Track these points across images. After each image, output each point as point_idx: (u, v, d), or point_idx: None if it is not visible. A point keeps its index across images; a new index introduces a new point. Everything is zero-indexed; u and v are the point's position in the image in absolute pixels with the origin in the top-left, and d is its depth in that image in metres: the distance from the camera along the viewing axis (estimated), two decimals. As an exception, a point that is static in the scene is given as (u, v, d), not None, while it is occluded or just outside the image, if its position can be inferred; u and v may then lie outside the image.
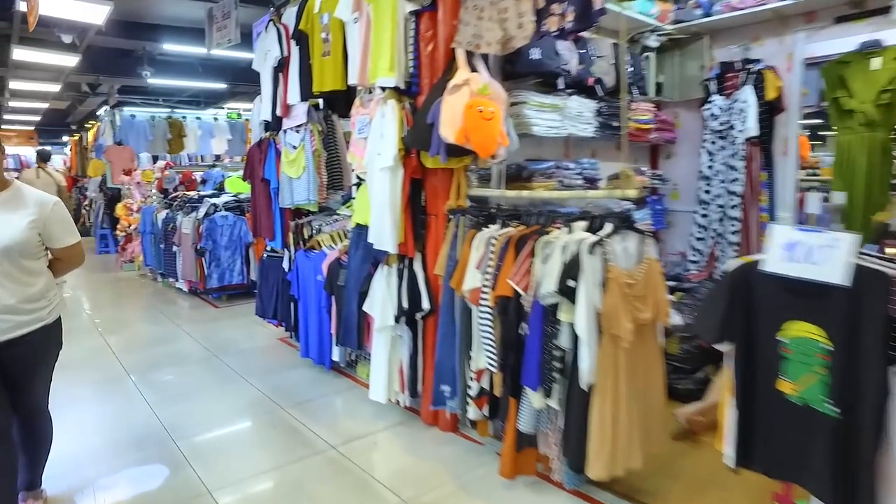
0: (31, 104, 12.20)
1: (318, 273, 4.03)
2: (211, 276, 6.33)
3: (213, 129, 12.35)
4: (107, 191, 11.63)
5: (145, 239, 7.99)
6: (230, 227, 6.42)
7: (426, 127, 2.77)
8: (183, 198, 7.22)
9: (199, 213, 6.54)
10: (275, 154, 4.58)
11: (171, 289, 7.43)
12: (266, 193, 4.69)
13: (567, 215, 2.53)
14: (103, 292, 7.74)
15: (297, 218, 4.62)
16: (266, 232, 4.74)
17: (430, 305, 3.06)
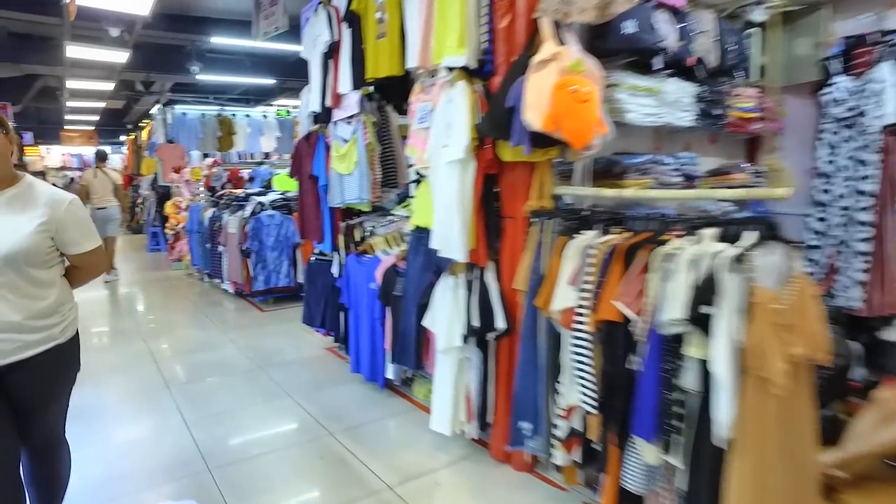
0: (89, 104, 12.33)
1: (372, 281, 3.61)
2: (256, 278, 6.02)
3: (263, 126, 12.20)
4: (158, 189, 11.64)
5: (192, 238, 7.80)
6: (277, 227, 6.10)
7: (505, 112, 2.30)
8: (229, 196, 6.97)
9: (244, 212, 6.26)
10: (324, 148, 4.19)
11: (216, 290, 7.19)
12: (314, 191, 4.31)
13: (685, 220, 2.01)
14: (150, 292, 7.58)
15: (348, 218, 4.23)
16: (314, 233, 4.36)
17: (506, 325, 2.59)
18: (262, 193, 6.70)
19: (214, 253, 6.90)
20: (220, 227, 6.74)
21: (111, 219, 7.69)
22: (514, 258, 2.59)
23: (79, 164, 22.43)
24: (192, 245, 7.82)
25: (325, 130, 4.23)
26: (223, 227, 6.60)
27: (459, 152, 2.50)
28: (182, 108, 11.56)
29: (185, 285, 7.78)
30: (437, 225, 2.76)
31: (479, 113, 2.53)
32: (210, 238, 6.96)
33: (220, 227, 6.71)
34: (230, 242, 6.42)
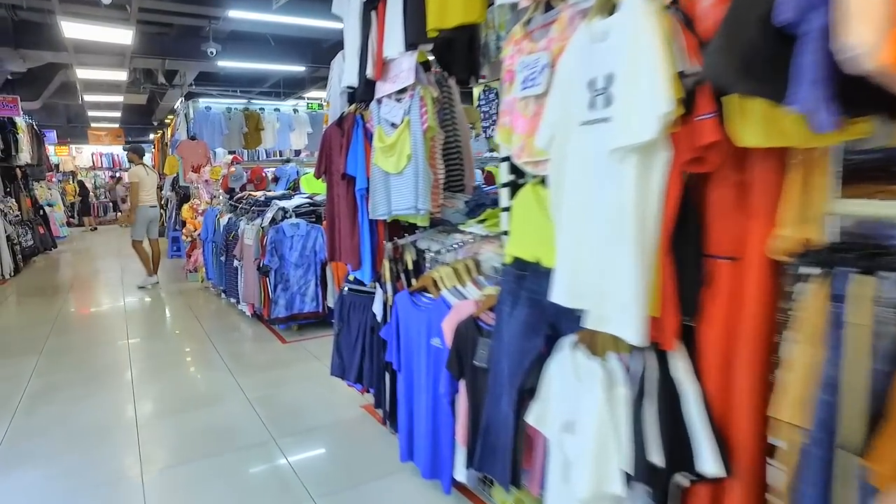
0: (107, 97, 11.44)
1: (435, 336, 2.39)
2: (277, 302, 4.87)
3: (293, 121, 11.14)
4: (178, 189, 10.69)
5: (206, 248, 6.73)
6: (302, 239, 4.94)
7: (770, 37, 1.04)
8: (247, 200, 5.85)
9: (263, 219, 5.12)
10: (362, 137, 2.99)
11: (232, 310, 6.09)
12: (349, 197, 3.11)
13: None
14: (156, 309, 6.53)
15: (396, 235, 3.02)
16: (347, 255, 3.16)
17: (721, 466, 1.33)
18: (285, 197, 5.56)
19: (229, 267, 5.80)
20: (235, 237, 5.63)
21: (157, 219, 7.64)
22: (731, 337, 1.32)
23: (109, 163, 21.89)
24: (207, 256, 6.74)
25: (365, 112, 3.04)
26: (239, 237, 5.48)
27: (644, 130, 1.25)
28: (206, 101, 10.58)
29: (197, 302, 6.71)
30: (571, 264, 1.52)
31: (682, 53, 1.27)
32: (225, 249, 5.86)
33: (236, 237, 5.60)
34: (246, 256, 5.29)
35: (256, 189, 6.80)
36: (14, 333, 5.66)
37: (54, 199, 14.73)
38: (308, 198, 5.52)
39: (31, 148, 10.67)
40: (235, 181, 6.59)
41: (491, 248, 2.55)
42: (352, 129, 3.00)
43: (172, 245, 10.64)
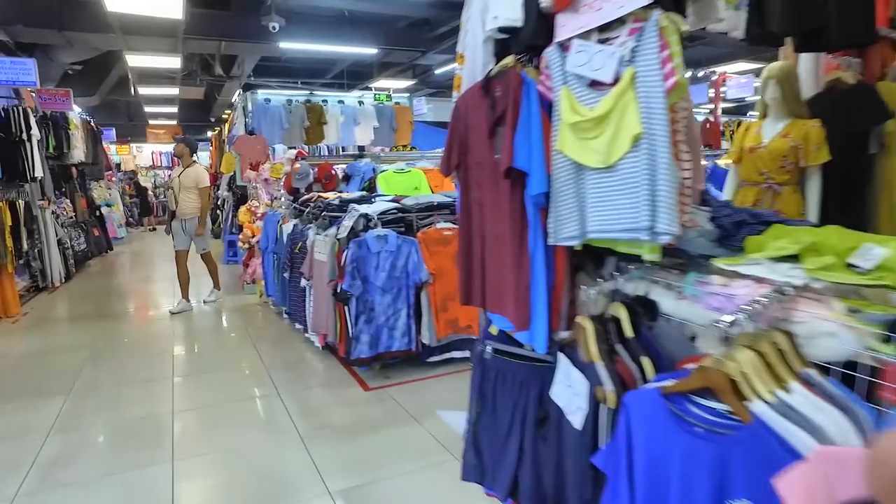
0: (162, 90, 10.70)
1: (741, 496, 1.15)
2: (358, 338, 3.74)
3: (357, 114, 10.09)
4: (235, 189, 9.82)
5: (266, 259, 5.70)
6: (391, 256, 3.79)
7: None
8: (318, 202, 4.76)
9: (340, 229, 3.99)
10: (537, 108, 1.78)
11: (297, 336, 5.02)
12: (510, 207, 1.89)
13: None
14: (210, 331, 5.53)
15: (596, 272, 1.81)
16: (503, 303, 1.93)
17: None
18: (364, 200, 4.43)
19: (295, 287, 4.72)
20: (302, 250, 4.55)
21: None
22: None
23: (168, 162, 21.62)
24: (267, 268, 5.72)
25: (538, 72, 1.85)
26: (307, 249, 4.39)
27: None
28: (266, 93, 9.66)
29: (256, 322, 5.69)
30: None
31: None
32: (289, 263, 4.79)
33: (304, 250, 4.52)
34: (317, 275, 4.20)
35: (325, 189, 5.73)
36: (47, 361, 4.76)
37: (113, 199, 14.26)
38: (392, 201, 4.37)
39: (86, 145, 10.02)
40: (300, 180, 5.53)
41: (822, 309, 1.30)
42: (520, 93, 1.79)
43: (228, 250, 9.78)
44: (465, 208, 2.11)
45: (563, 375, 1.78)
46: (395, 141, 10.58)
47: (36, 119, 7.68)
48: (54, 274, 7.82)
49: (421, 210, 4.15)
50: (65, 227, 8.66)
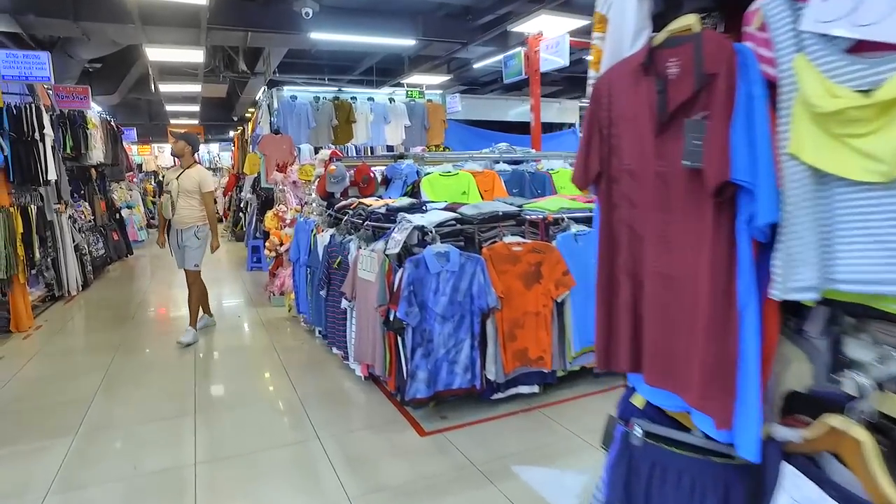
0: (184, 87, 10.22)
1: None
2: (415, 375, 3.14)
3: (388, 112, 9.55)
4: (260, 192, 9.31)
5: (297, 272, 5.13)
6: (452, 278, 3.18)
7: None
8: (359, 210, 4.17)
9: (390, 242, 3.39)
10: (762, 91, 1.15)
11: (334, 360, 4.45)
12: (717, 237, 1.25)
13: None
14: (234, 351, 4.98)
15: (798, 325, 1.17)
16: (688, 377, 1.30)
17: None
18: (416, 208, 3.82)
19: (333, 307, 4.14)
20: (343, 266, 3.97)
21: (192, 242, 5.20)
22: None
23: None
24: (298, 282, 5.14)
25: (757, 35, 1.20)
26: (349, 266, 3.81)
27: None
28: (292, 89, 9.13)
29: (285, 341, 5.12)
30: None
31: None
32: (326, 280, 4.21)
33: (344, 266, 3.93)
34: (361, 295, 3.60)
35: (362, 194, 5.14)
36: (56, 388, 4.24)
37: (134, 201, 13.87)
38: (446, 209, 3.76)
39: (106, 145, 9.57)
40: (336, 184, 4.95)
41: None
42: (732, 69, 1.17)
43: (252, 256, 9.29)
44: (608, 235, 1.49)
45: (791, 498, 1.16)
46: (426, 140, 9.99)
47: (52, 118, 7.22)
48: (71, 282, 7.35)
49: (484, 221, 3.54)
50: (82, 231, 8.20)
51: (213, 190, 5.26)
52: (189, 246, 5.14)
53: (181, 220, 5.09)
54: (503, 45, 7.94)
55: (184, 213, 5.09)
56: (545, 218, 3.75)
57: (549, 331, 3.49)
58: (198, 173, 5.15)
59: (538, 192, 5.53)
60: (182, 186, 5.07)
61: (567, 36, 5.90)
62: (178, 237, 5.15)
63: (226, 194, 15.79)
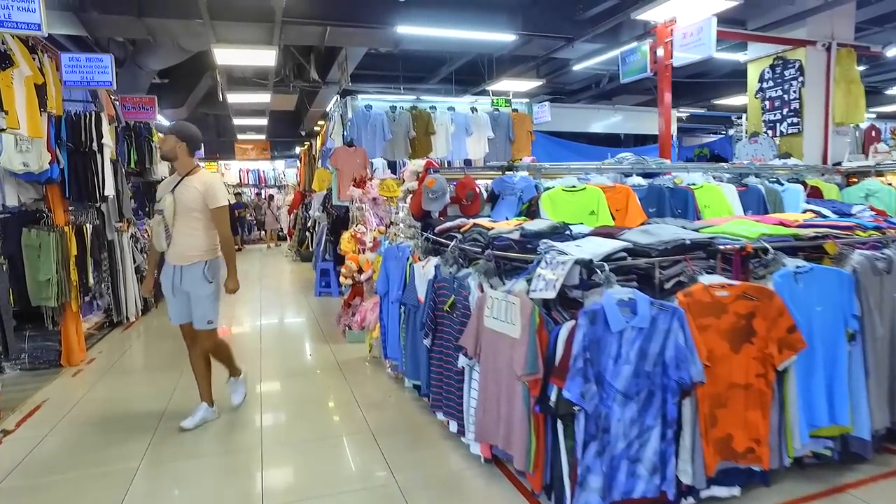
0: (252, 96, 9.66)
1: None
2: (586, 481, 2.11)
3: (470, 123, 8.67)
4: (331, 209, 8.56)
5: (387, 308, 4.20)
6: (640, 337, 2.15)
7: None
8: (474, 233, 3.20)
9: (537, 283, 2.39)
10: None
11: (435, 425, 3.48)
12: None
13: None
14: (301, 396, 4.08)
15: None
16: None
17: None
18: (560, 233, 2.83)
19: (441, 362, 3.17)
20: (458, 309, 3.00)
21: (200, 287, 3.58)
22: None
23: (255, 180, 21.11)
24: (386, 321, 4.21)
25: None
26: (468, 310, 2.84)
27: None
28: (366, 98, 8.39)
29: (367, 393, 4.19)
30: None
31: None
32: (431, 325, 3.24)
33: (460, 309, 2.96)
34: (492, 354, 2.61)
35: (464, 213, 4.20)
36: (94, 453, 3.44)
37: (199, 218, 13.50)
38: (601, 234, 2.75)
39: (171, 160, 9.07)
40: (434, 200, 4.02)
41: None
42: None
43: (320, 280, 8.51)
44: None
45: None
46: (511, 154, 9.04)
47: (117, 129, 6.68)
48: (129, 307, 6.73)
49: (665, 252, 2.50)
50: (144, 252, 7.62)
51: (227, 204, 3.61)
52: (196, 292, 3.53)
53: (181, 254, 3.50)
54: (614, 40, 6.93)
55: (184, 241, 3.49)
56: (743, 248, 2.68)
57: (766, 412, 2.40)
58: (202, 181, 3.53)
59: (678, 211, 4.45)
60: (180, 202, 3.47)
61: (713, 20, 4.84)
62: (177, 278, 3.54)
63: (290, 212, 15.31)
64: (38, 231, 5.00)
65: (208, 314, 3.59)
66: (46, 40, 5.12)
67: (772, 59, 6.26)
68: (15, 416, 3.99)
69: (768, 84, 6.30)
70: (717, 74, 10.50)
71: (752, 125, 6.59)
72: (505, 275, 2.95)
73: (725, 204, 4.57)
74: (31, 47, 4.63)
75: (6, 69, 4.19)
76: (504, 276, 2.96)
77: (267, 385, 4.49)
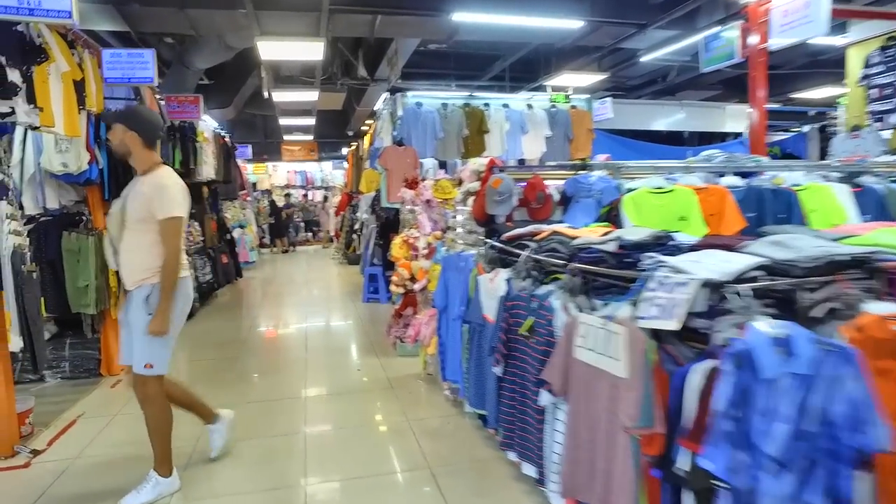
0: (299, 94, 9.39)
1: None
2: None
3: (526, 121, 8.14)
4: (379, 212, 8.18)
5: (446, 324, 3.74)
6: (802, 387, 1.61)
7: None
8: (553, 242, 2.71)
9: (649, 308, 1.88)
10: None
11: (504, 463, 2.99)
12: None
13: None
14: (349, 418, 3.66)
15: None
16: None
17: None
18: (662, 243, 2.32)
19: (514, 394, 2.68)
20: (538, 333, 2.50)
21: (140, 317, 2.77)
22: None
23: (302, 181, 21.05)
24: (446, 339, 3.75)
25: None
26: (550, 335, 2.35)
27: None
28: (417, 95, 7.98)
29: (423, 419, 3.74)
30: None
31: None
32: (503, 351, 2.75)
33: (542, 334, 2.47)
34: (585, 393, 2.12)
35: (533, 217, 3.70)
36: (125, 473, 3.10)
37: (247, 220, 13.38)
38: (721, 246, 2.21)
39: (218, 161, 8.88)
40: (501, 203, 3.54)
41: None
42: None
43: (368, 285, 8.14)
44: None
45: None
46: (570, 154, 8.47)
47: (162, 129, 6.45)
48: (173, 313, 6.47)
49: (813, 271, 1.95)
50: (189, 254, 7.40)
51: (180, 216, 2.73)
52: (137, 324, 2.73)
53: (127, 275, 2.79)
54: (690, 26, 6.31)
55: (129, 259, 2.77)
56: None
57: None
58: (152, 183, 2.74)
59: (781, 216, 3.84)
60: (127, 210, 2.76)
61: (827, -7, 4.18)
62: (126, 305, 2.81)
63: (337, 214, 15.07)
64: (78, 235, 4.78)
65: (146, 355, 2.73)
66: (89, 36, 4.89)
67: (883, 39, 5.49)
68: (48, 433, 3.73)
69: (877, 69, 5.54)
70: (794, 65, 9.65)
71: (852, 118, 5.85)
72: (593, 293, 2.45)
73: (837, 207, 3.92)
74: (71, 42, 4.39)
75: (42, 63, 3.93)
76: (592, 293, 2.46)
77: (312, 405, 4.11)
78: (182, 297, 2.84)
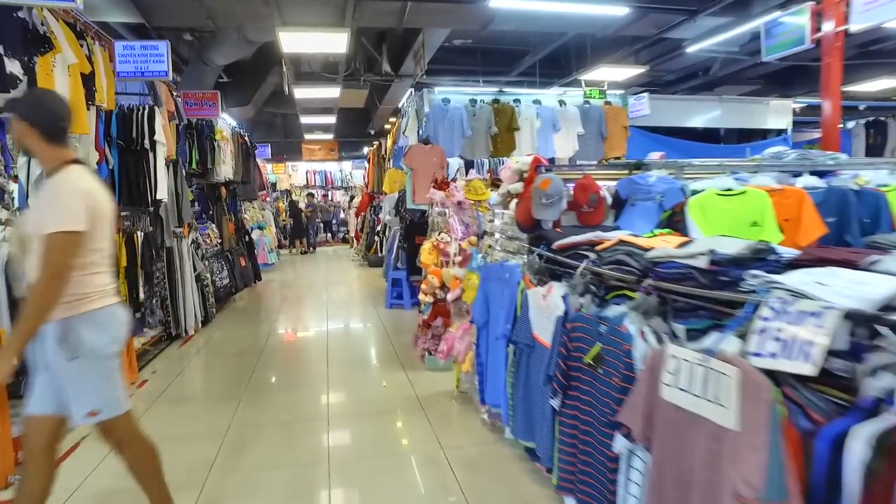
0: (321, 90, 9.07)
1: None
2: None
3: (557, 118, 7.73)
4: (404, 213, 7.83)
5: (486, 342, 3.35)
6: None
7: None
8: (618, 254, 2.30)
9: (764, 342, 1.48)
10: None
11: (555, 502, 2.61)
12: None
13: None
14: (375, 445, 3.28)
15: None
16: None
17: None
18: (763, 257, 1.91)
19: (575, 431, 2.28)
20: (608, 364, 2.10)
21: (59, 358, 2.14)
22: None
23: (322, 181, 20.80)
24: (486, 359, 3.36)
25: None
26: (633, 371, 1.95)
27: None
28: (443, 90, 7.61)
29: (458, 446, 3.35)
30: None
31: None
32: (562, 381, 2.35)
33: (614, 365, 2.07)
34: (679, 445, 1.71)
35: (584, 222, 3.30)
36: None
37: (266, 221, 13.11)
38: (838, 262, 1.79)
39: (236, 160, 8.60)
40: (549, 206, 3.14)
41: None
42: None
43: (392, 290, 7.79)
44: None
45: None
46: (603, 152, 8.04)
47: (178, 127, 6.16)
48: (188, 320, 6.20)
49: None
50: (206, 259, 7.11)
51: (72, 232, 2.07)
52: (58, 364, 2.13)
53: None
54: (744, 12, 5.85)
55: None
56: None
57: None
58: (51, 187, 2.16)
59: (866, 221, 3.39)
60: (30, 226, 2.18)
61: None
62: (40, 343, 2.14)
63: (358, 215, 14.76)
64: (87, 239, 4.48)
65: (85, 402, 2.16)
66: (102, 29, 4.59)
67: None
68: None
69: None
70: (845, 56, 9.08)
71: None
72: (673, 315, 2.05)
73: (933, 211, 3.46)
74: (80, 33, 4.09)
75: (45, 54, 3.63)
76: (669, 316, 2.06)
77: (335, 426, 3.75)
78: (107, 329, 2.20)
